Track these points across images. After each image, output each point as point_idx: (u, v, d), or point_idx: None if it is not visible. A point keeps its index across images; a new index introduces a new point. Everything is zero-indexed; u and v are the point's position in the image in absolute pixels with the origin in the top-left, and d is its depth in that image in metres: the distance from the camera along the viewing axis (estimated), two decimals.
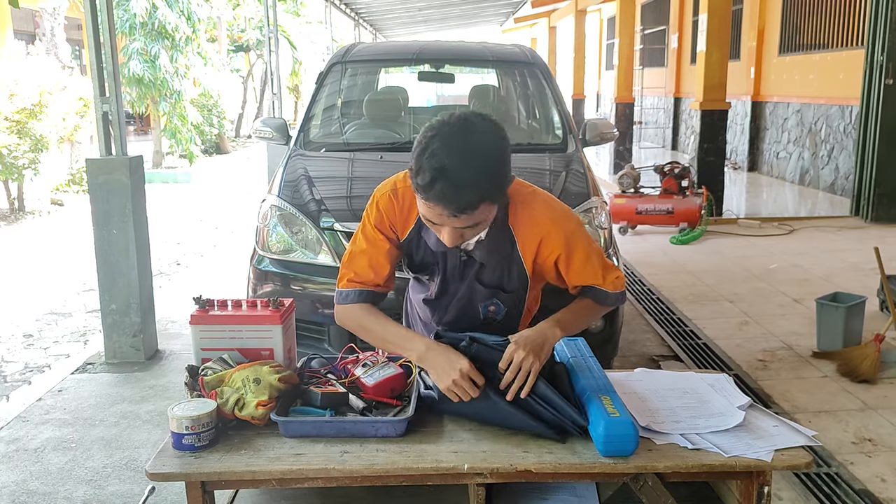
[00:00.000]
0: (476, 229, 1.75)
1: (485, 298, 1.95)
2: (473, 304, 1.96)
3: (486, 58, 4.94)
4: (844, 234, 7.22)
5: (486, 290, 1.94)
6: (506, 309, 1.98)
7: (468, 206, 1.63)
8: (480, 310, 1.97)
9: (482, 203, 1.65)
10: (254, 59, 22.83)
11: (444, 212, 1.65)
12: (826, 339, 4.11)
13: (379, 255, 1.91)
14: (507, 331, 1.87)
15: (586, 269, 1.90)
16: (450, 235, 1.73)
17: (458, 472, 1.61)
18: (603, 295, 1.92)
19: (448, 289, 1.98)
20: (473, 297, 1.96)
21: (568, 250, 1.87)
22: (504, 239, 1.88)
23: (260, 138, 4.31)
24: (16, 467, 3.00)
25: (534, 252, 1.88)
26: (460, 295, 1.96)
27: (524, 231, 1.87)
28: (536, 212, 1.87)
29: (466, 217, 1.66)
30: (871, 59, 7.51)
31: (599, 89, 24.11)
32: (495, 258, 1.90)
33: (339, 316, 1.97)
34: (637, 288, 5.51)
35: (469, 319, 1.98)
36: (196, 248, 7.77)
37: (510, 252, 1.89)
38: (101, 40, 4.00)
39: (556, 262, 1.89)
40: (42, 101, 9.20)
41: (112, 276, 4.06)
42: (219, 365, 1.86)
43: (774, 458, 1.61)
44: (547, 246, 1.87)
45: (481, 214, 1.69)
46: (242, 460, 1.63)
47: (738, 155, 12.38)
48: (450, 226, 1.70)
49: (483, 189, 1.63)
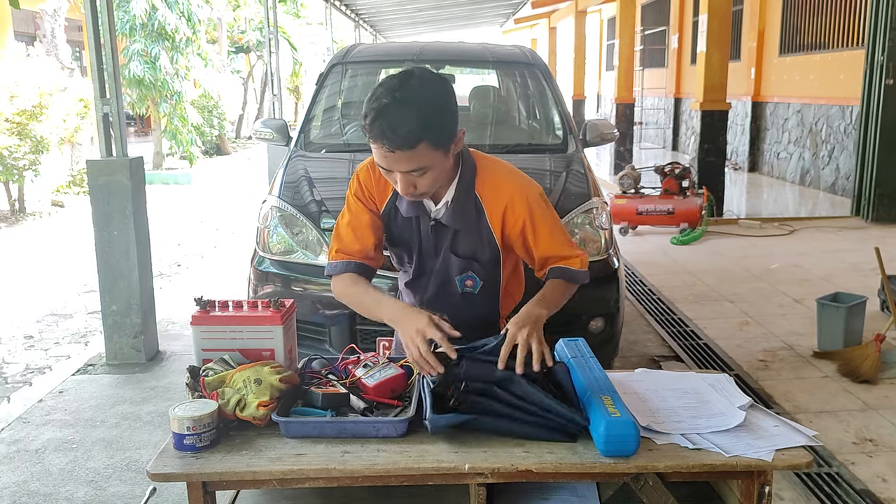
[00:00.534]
0: (426, 179, 1.80)
1: (460, 271, 2.01)
2: (450, 278, 2.03)
3: (486, 59, 4.94)
4: (845, 234, 7.22)
5: (460, 262, 2.00)
6: (482, 282, 2.03)
7: (405, 143, 1.71)
8: (457, 283, 2.03)
9: (420, 142, 1.72)
10: (254, 61, 22.84)
11: (386, 149, 1.72)
12: (827, 339, 4.11)
13: (363, 226, 1.99)
14: (486, 306, 2.01)
15: (553, 240, 1.97)
16: (402, 182, 1.80)
17: (459, 472, 1.61)
18: (572, 273, 1.98)
19: (425, 267, 2.05)
20: (449, 271, 2.02)
21: (532, 217, 1.94)
22: (470, 204, 1.95)
23: (260, 139, 4.31)
24: (17, 468, 3.01)
25: (500, 220, 1.95)
26: (437, 269, 2.03)
27: (490, 198, 1.95)
28: (500, 178, 1.97)
29: (407, 157, 1.73)
30: (871, 59, 7.52)
31: (600, 90, 24.12)
32: (463, 224, 1.96)
33: (333, 289, 2.04)
34: (638, 288, 5.51)
35: (448, 295, 2.04)
36: (196, 250, 7.78)
37: (478, 219, 1.96)
38: (101, 41, 4.00)
39: (522, 232, 1.95)
40: (42, 103, 9.21)
41: (113, 278, 4.06)
42: (220, 366, 1.86)
43: (775, 458, 1.61)
44: (512, 213, 1.94)
45: (423, 157, 1.75)
46: (244, 461, 1.63)
47: (739, 155, 12.38)
48: (398, 171, 1.77)
49: (419, 127, 1.71)
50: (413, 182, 1.80)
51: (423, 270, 2.06)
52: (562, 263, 1.97)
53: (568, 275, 1.97)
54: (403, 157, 1.74)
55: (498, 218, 1.95)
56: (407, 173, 1.78)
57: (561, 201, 3.37)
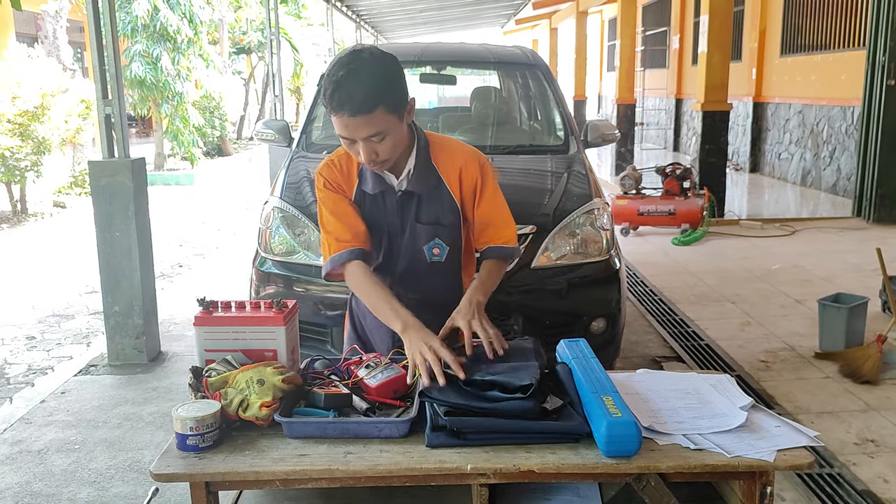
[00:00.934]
0: (386, 145, 1.93)
1: (427, 239, 2.13)
2: (419, 248, 2.13)
3: (487, 59, 4.94)
4: (846, 234, 7.22)
5: (427, 229, 2.12)
6: (448, 248, 2.15)
7: (363, 107, 1.84)
8: (426, 252, 2.14)
9: (377, 107, 1.86)
10: (255, 62, 22.85)
11: (347, 116, 1.85)
12: (828, 339, 4.11)
13: (348, 213, 2.09)
14: (452, 276, 2.18)
15: (494, 206, 2.13)
16: (364, 150, 1.92)
17: (462, 473, 1.61)
18: (508, 251, 2.16)
19: (393, 246, 2.15)
20: (417, 241, 2.13)
21: (483, 177, 2.12)
22: (430, 174, 2.11)
23: (262, 140, 4.32)
24: (19, 469, 3.01)
25: (458, 181, 2.11)
26: (405, 243, 2.14)
27: (445, 165, 2.12)
28: (452, 146, 2.17)
29: (367, 122, 1.86)
30: (872, 59, 7.51)
31: (601, 91, 24.11)
32: (426, 188, 2.10)
33: (347, 280, 2.11)
34: (639, 289, 5.51)
35: (418, 267, 2.15)
36: (198, 250, 7.79)
37: (438, 185, 2.11)
38: (103, 43, 4.01)
39: (474, 191, 2.11)
40: (44, 104, 9.22)
41: (115, 278, 4.07)
42: (222, 366, 1.87)
43: (777, 459, 1.61)
44: (466, 174, 2.11)
45: (380, 121, 1.88)
46: (246, 461, 1.63)
47: (740, 156, 12.38)
48: (359, 138, 1.89)
49: (375, 93, 1.86)
50: (374, 149, 1.92)
51: (392, 250, 2.15)
52: (498, 242, 2.14)
53: (505, 253, 2.16)
54: (363, 123, 1.86)
55: (455, 180, 2.11)
56: (368, 139, 1.90)
57: (562, 202, 3.38)
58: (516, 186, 3.72)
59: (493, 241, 2.15)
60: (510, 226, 2.17)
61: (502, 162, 3.90)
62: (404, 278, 2.15)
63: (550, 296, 3.19)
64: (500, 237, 2.15)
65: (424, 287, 2.15)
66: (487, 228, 2.15)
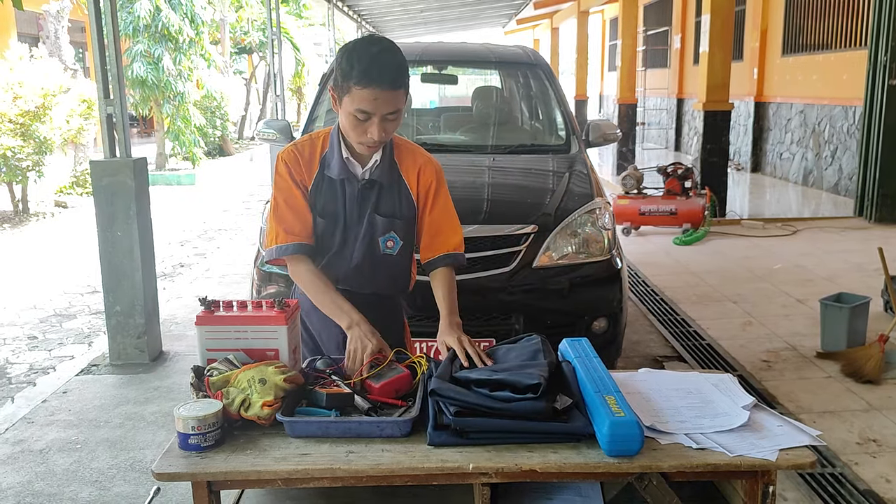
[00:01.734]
0: (394, 124, 2.05)
1: (383, 231, 2.19)
2: (374, 239, 2.20)
3: (488, 59, 4.94)
4: (848, 234, 7.21)
5: (384, 221, 2.19)
6: (401, 242, 2.22)
7: (397, 82, 1.96)
8: (380, 244, 2.20)
9: (403, 86, 1.99)
10: (257, 61, 22.86)
11: (379, 90, 1.93)
12: (830, 339, 4.11)
13: (300, 206, 2.16)
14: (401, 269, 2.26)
15: (446, 213, 2.23)
16: (377, 127, 1.99)
17: (464, 472, 1.61)
18: (459, 258, 2.24)
19: (349, 234, 2.20)
20: (374, 232, 2.19)
21: (438, 183, 2.23)
22: (392, 168, 2.21)
23: (264, 140, 4.31)
24: (21, 468, 3.01)
25: (416, 179, 2.21)
26: (362, 234, 2.19)
27: (406, 163, 2.22)
28: (412, 148, 2.28)
29: (394, 98, 1.96)
30: (874, 59, 7.51)
31: (602, 90, 24.11)
32: (388, 180, 2.19)
33: (289, 269, 2.20)
34: (640, 289, 5.51)
35: (371, 258, 2.21)
36: (199, 250, 7.79)
37: (398, 179, 2.21)
38: (105, 43, 4.01)
39: (427, 193, 2.21)
40: (46, 104, 9.22)
41: (116, 278, 4.07)
42: (224, 365, 1.87)
43: (779, 458, 1.61)
44: (424, 175, 2.22)
45: (401, 100, 2.00)
46: (248, 460, 1.63)
47: (742, 156, 12.37)
48: (381, 113, 1.97)
49: (405, 72, 1.99)
50: (385, 128, 2.02)
51: (347, 239, 2.20)
52: (448, 249, 2.22)
53: (457, 260, 2.24)
54: (392, 98, 1.97)
55: (413, 177, 2.21)
56: (385, 116, 1.99)
57: (564, 201, 3.37)
58: (518, 186, 3.72)
59: (443, 248, 2.22)
60: (458, 232, 2.25)
61: (504, 161, 3.91)
62: (357, 269, 2.21)
63: (552, 295, 3.19)
64: (450, 244, 2.23)
65: (376, 279, 2.24)
66: (438, 236, 2.23)
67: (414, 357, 1.99)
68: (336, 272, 2.21)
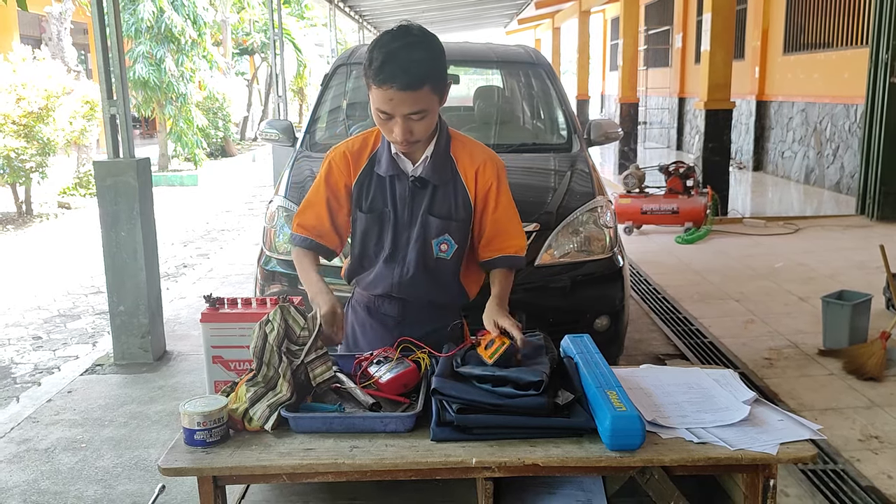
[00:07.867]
0: (422, 125, 1.92)
1: (438, 233, 2.07)
2: (427, 242, 2.07)
3: (490, 59, 4.95)
4: (850, 232, 7.22)
5: (438, 223, 2.06)
6: (456, 245, 2.09)
7: (413, 83, 1.83)
8: (434, 247, 2.08)
9: (425, 84, 1.85)
10: (259, 62, 22.88)
11: (395, 90, 1.82)
12: (832, 337, 4.11)
13: (320, 208, 2.09)
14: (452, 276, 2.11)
15: (509, 215, 2.10)
16: (401, 128, 1.89)
17: (467, 467, 1.62)
18: (519, 261, 2.13)
19: (400, 237, 2.09)
20: (427, 234, 2.07)
21: (499, 183, 2.10)
22: (447, 164, 2.07)
23: (266, 140, 4.33)
24: (27, 467, 3.03)
25: (474, 179, 2.08)
26: (416, 235, 2.07)
27: (464, 161, 2.08)
28: (473, 145, 2.14)
29: (413, 98, 1.84)
30: (875, 57, 7.51)
31: (604, 90, 24.12)
32: (442, 178, 2.06)
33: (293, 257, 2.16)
34: (643, 287, 5.52)
35: (425, 260, 2.08)
36: (203, 250, 7.81)
37: (454, 177, 2.08)
38: (108, 44, 4.03)
39: (487, 194, 2.08)
40: (49, 105, 9.25)
41: (120, 278, 4.09)
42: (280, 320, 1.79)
43: (779, 451, 1.62)
44: (483, 175, 2.08)
45: (424, 99, 1.87)
46: (253, 455, 1.65)
47: (743, 154, 12.37)
48: (400, 115, 1.87)
49: (426, 69, 1.86)
50: (410, 128, 1.90)
51: (398, 242, 2.09)
52: (508, 251, 2.11)
53: (516, 263, 2.13)
54: (409, 98, 1.85)
55: (472, 177, 2.08)
56: (407, 116, 1.88)
57: (565, 200, 3.39)
58: (520, 185, 3.72)
59: (504, 250, 2.11)
60: (521, 236, 2.13)
61: (506, 160, 3.91)
62: (410, 273, 2.09)
63: (554, 293, 3.20)
64: (511, 247, 2.11)
65: (428, 284, 2.09)
66: (498, 236, 2.11)
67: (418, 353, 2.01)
68: (389, 280, 2.12)
